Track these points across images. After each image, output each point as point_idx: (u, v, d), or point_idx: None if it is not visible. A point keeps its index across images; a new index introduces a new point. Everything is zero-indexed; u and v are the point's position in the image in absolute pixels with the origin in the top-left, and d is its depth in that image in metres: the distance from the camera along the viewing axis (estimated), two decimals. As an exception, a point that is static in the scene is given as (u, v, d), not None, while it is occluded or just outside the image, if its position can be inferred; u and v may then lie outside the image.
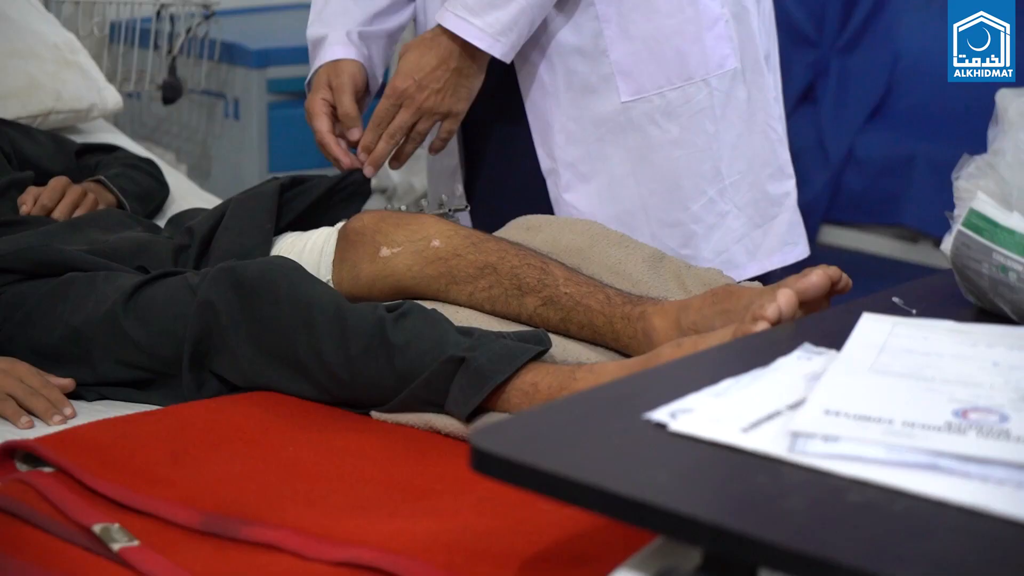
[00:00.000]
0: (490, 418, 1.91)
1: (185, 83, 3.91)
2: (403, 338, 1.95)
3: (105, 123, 3.36)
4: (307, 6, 2.81)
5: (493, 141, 2.64)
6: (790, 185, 2.61)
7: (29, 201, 2.59)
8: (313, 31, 2.60)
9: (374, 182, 4.17)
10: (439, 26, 2.40)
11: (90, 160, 2.92)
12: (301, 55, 3.87)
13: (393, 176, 4.26)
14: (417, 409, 1.96)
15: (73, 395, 2.13)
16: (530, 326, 2.13)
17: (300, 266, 2.09)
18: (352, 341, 1.96)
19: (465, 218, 2.65)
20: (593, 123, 2.50)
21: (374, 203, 4.17)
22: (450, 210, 2.57)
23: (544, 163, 2.53)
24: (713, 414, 1.34)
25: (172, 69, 3.87)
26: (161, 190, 2.92)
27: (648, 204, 2.52)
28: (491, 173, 2.66)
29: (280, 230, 2.44)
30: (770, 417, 1.33)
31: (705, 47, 2.48)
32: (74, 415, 2.07)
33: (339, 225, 2.32)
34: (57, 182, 2.66)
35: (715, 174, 2.53)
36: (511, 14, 2.36)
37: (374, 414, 2.00)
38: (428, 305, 2.07)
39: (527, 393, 1.91)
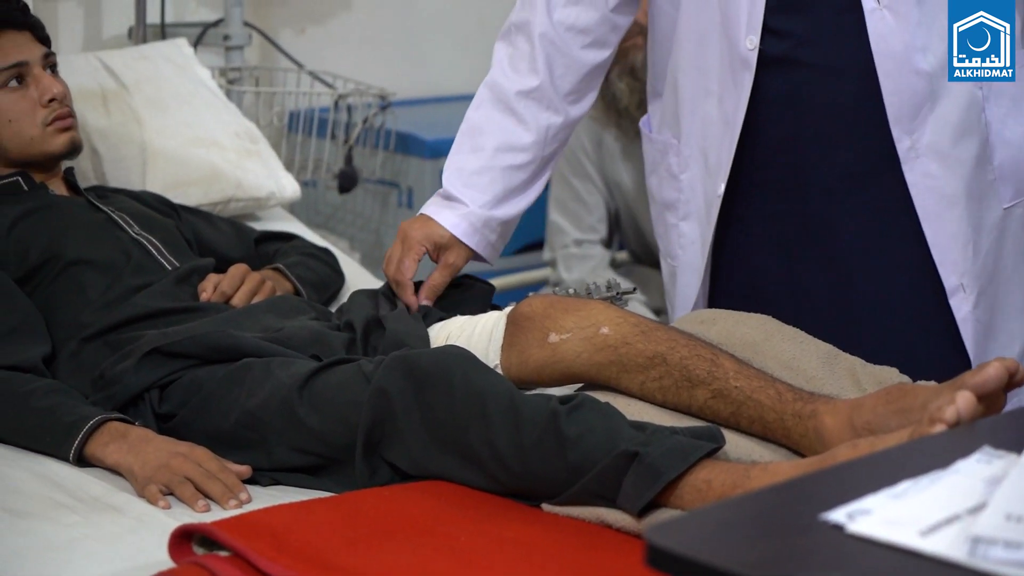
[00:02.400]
0: (662, 514, 1.91)
1: (360, 172, 3.96)
2: (576, 431, 1.95)
3: (281, 210, 3.41)
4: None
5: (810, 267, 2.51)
6: None
7: (209, 289, 2.63)
8: (448, 181, 2.64)
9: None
10: None
11: (269, 248, 2.97)
12: (474, 146, 3.88)
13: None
14: (588, 502, 1.96)
15: (247, 480, 2.16)
16: (701, 418, 2.12)
17: (474, 356, 2.11)
18: (525, 432, 1.97)
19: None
20: (984, 232, 2.43)
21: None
22: (618, 294, 2.54)
23: (949, 280, 2.41)
24: (891, 516, 1.32)
25: (348, 158, 3.91)
26: (337, 279, 2.96)
27: None
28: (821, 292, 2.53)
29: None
30: (949, 521, 1.31)
31: None
32: (250, 500, 2.10)
33: (508, 309, 2.33)
34: (236, 270, 2.70)
35: None
36: None
37: (545, 506, 2.00)
38: (601, 396, 2.07)
39: (700, 490, 1.90)
